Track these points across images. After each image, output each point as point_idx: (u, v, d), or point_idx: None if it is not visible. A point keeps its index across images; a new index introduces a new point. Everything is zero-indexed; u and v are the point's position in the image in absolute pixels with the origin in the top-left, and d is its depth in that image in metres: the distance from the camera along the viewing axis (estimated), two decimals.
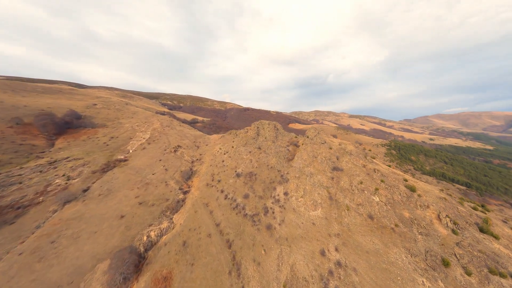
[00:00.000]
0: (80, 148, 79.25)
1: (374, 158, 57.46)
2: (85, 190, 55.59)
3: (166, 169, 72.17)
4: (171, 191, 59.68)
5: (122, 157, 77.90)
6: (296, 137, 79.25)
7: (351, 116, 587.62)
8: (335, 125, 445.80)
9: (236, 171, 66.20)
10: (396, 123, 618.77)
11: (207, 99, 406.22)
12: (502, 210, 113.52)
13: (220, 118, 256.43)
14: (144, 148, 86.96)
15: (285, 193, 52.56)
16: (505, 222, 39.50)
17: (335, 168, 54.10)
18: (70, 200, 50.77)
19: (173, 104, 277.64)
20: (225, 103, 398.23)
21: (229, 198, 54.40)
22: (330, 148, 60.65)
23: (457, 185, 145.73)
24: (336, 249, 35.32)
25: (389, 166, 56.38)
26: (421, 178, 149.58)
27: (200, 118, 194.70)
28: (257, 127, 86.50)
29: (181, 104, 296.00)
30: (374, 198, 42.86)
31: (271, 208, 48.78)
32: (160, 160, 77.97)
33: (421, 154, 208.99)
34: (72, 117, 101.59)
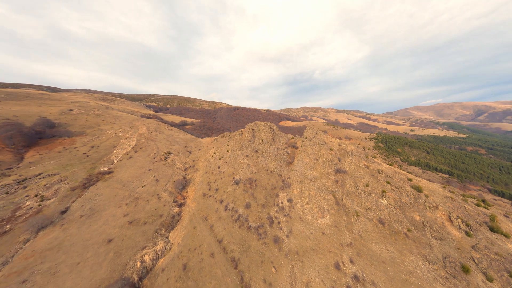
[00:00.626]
0: (56, 162, 70.46)
1: (375, 158, 56.73)
2: (63, 212, 48.75)
3: (157, 179, 66.38)
4: (164, 205, 54.54)
5: (106, 169, 70.55)
6: (293, 138, 76.94)
7: (338, 111, 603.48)
8: (324, 121, 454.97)
9: (234, 178, 62.43)
10: (379, 116, 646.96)
11: (195, 99, 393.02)
12: (481, 194, 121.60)
13: (210, 119, 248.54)
14: (130, 157, 79.78)
15: (289, 200, 49.99)
16: (507, 217, 40.21)
17: (338, 171, 52.45)
18: (46, 226, 44.00)
19: (159, 106, 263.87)
20: (213, 102, 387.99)
21: (229, 209, 50.68)
22: (331, 149, 58.97)
23: (440, 174, 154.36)
24: (351, 261, 33.37)
25: (391, 165, 55.87)
26: (408, 169, 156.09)
27: (189, 120, 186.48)
28: (252, 129, 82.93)
29: (168, 106, 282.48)
30: (382, 201, 41.63)
31: (276, 217, 45.92)
32: (149, 170, 71.74)
33: (406, 146, 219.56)
34: (44, 126, 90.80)
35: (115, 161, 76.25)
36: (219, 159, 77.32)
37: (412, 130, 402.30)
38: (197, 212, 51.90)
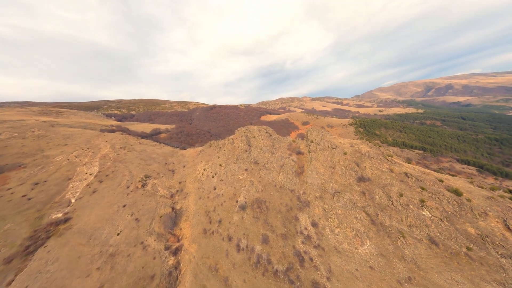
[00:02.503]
0: None
1: (391, 157, 51.77)
2: None
3: (136, 219, 51.29)
4: (154, 258, 41.04)
5: (60, 215, 52.25)
6: (294, 142, 68.24)
7: (313, 99, 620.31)
8: (302, 110, 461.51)
9: (237, 201, 51.36)
10: (350, 100, 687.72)
11: (165, 101, 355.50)
12: (452, 165, 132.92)
13: (186, 122, 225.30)
14: (94, 191, 61.56)
15: (314, 224, 41.60)
16: None
17: (360, 179, 45.71)
18: None
19: (122, 114, 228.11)
20: (186, 103, 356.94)
21: (243, 249, 40.04)
22: (345, 153, 51.98)
23: (416, 151, 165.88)
24: None
25: (409, 162, 51.50)
26: (388, 150, 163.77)
27: (162, 127, 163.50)
28: (246, 136, 71.59)
29: (133, 112, 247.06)
30: (424, 213, 36.06)
31: (305, 252, 37.16)
32: (124, 205, 55.62)
33: (382, 128, 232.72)
34: None
35: (73, 201, 57.61)
36: (213, 176, 64.72)
37: (380, 111, 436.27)
38: (201, 260, 39.98)
